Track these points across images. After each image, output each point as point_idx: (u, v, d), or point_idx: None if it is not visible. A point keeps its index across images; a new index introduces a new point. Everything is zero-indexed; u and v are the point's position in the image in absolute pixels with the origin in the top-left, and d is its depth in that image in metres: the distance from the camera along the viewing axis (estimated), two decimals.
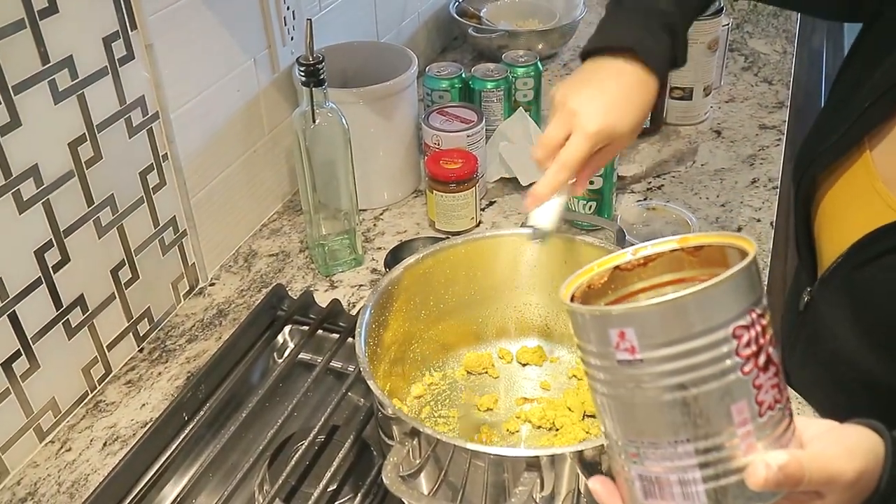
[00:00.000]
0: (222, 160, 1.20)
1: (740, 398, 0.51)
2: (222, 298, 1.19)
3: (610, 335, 0.51)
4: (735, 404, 0.51)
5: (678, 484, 0.53)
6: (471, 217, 1.28)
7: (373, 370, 0.82)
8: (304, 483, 0.91)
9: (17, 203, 0.88)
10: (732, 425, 0.51)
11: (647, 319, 0.50)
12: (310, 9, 1.34)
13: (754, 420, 0.52)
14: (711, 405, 0.51)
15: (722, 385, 0.51)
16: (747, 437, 0.52)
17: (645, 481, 0.55)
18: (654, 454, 0.53)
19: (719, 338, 0.50)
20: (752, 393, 0.51)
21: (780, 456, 0.52)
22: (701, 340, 0.50)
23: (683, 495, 0.53)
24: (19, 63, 0.85)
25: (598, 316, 0.52)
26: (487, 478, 0.74)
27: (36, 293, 0.93)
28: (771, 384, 0.52)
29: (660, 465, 0.53)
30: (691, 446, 0.52)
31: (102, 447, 0.98)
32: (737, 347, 0.50)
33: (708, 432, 0.52)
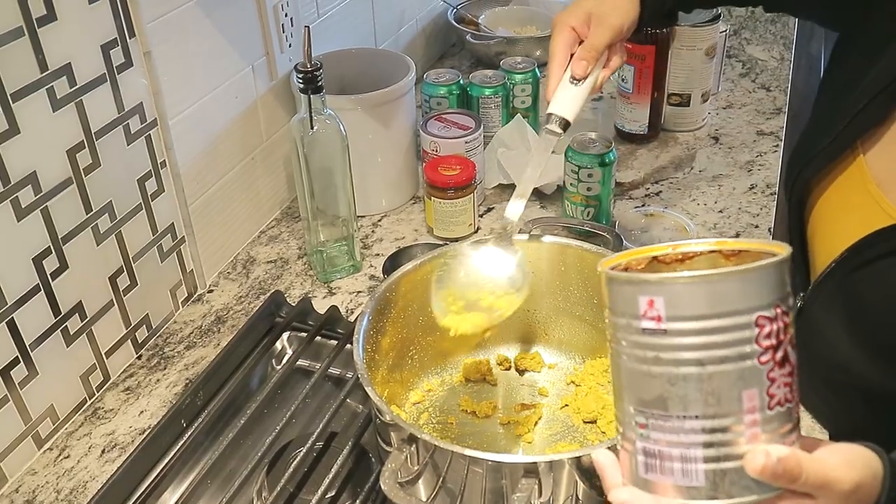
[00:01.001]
0: (220, 167, 1.20)
1: (752, 386, 0.53)
2: (221, 305, 1.19)
3: (640, 302, 0.53)
4: (747, 390, 0.53)
5: (680, 460, 0.55)
6: (469, 223, 1.28)
7: (371, 377, 0.82)
8: (303, 490, 0.91)
9: (16, 210, 0.88)
10: (741, 411, 0.53)
11: (678, 291, 0.53)
12: (308, 16, 1.34)
13: (762, 411, 0.53)
14: (724, 386, 0.53)
15: (737, 369, 0.53)
16: (753, 426, 0.53)
17: (648, 455, 0.56)
18: (662, 426, 0.55)
19: (742, 322, 0.52)
20: (764, 384, 0.53)
21: (782, 449, 0.54)
22: (725, 321, 0.52)
23: (683, 473, 0.55)
24: (18, 71, 0.86)
25: (632, 281, 0.54)
26: (486, 484, 0.74)
27: (34, 300, 0.93)
28: (784, 382, 0.54)
29: (665, 438, 0.55)
30: (699, 423, 0.54)
31: (101, 454, 0.98)
32: (757, 336, 0.52)
33: (717, 412, 0.53)
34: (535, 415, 0.94)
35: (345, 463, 0.91)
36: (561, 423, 0.93)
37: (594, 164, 1.22)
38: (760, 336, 0.52)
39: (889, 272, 0.81)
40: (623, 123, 1.53)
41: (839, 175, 0.90)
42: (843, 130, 0.88)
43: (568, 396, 0.96)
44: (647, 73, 1.45)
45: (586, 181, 1.23)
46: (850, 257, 0.85)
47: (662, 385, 0.54)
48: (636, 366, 0.55)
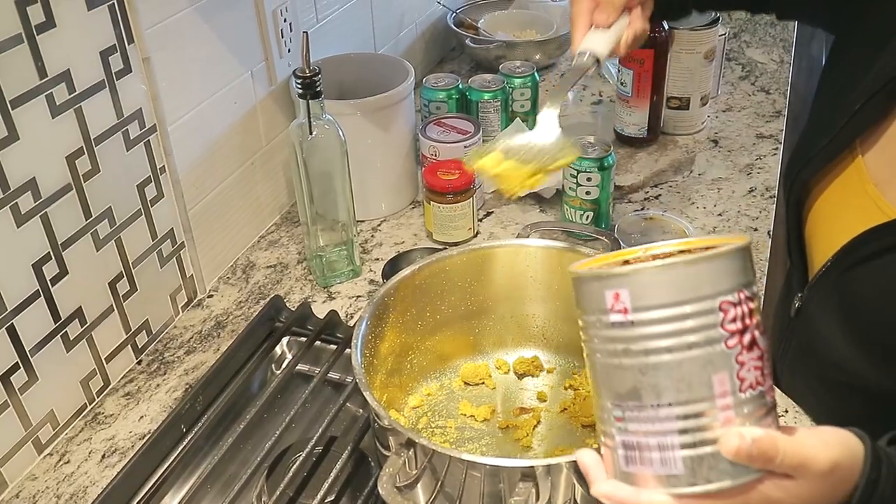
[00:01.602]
0: (220, 172, 1.21)
1: (722, 370, 0.54)
2: (220, 310, 1.19)
3: (606, 297, 0.55)
4: (717, 374, 0.54)
5: (657, 449, 0.56)
6: (468, 228, 1.28)
7: (369, 381, 0.82)
8: (302, 494, 0.91)
9: (15, 216, 0.89)
10: (713, 395, 0.54)
11: (641, 281, 0.54)
12: (307, 21, 1.35)
13: (734, 394, 0.55)
14: (694, 372, 0.54)
15: (705, 354, 0.54)
16: (726, 410, 0.54)
17: (627, 448, 0.57)
18: (638, 417, 0.56)
19: (706, 308, 0.54)
20: (734, 367, 0.54)
21: (756, 431, 0.55)
22: (688, 308, 0.54)
23: (661, 461, 0.56)
24: (17, 77, 0.86)
25: (597, 276, 0.56)
26: (484, 488, 0.74)
27: (34, 306, 0.93)
28: (754, 366, 0.55)
29: (642, 428, 0.56)
30: (673, 411, 0.55)
31: (101, 459, 0.98)
32: (722, 321, 0.54)
33: (689, 398, 0.54)
34: (533, 419, 0.94)
35: (344, 467, 0.91)
36: (559, 427, 0.93)
37: (593, 168, 1.22)
38: (725, 321, 0.54)
39: (883, 269, 0.81)
40: (622, 127, 1.53)
41: (838, 175, 0.90)
42: (840, 130, 0.88)
43: (566, 400, 0.96)
44: (646, 76, 1.45)
45: (585, 185, 1.24)
46: (845, 255, 0.85)
47: (634, 376, 0.55)
48: (608, 360, 0.57)
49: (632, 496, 0.58)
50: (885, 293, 0.82)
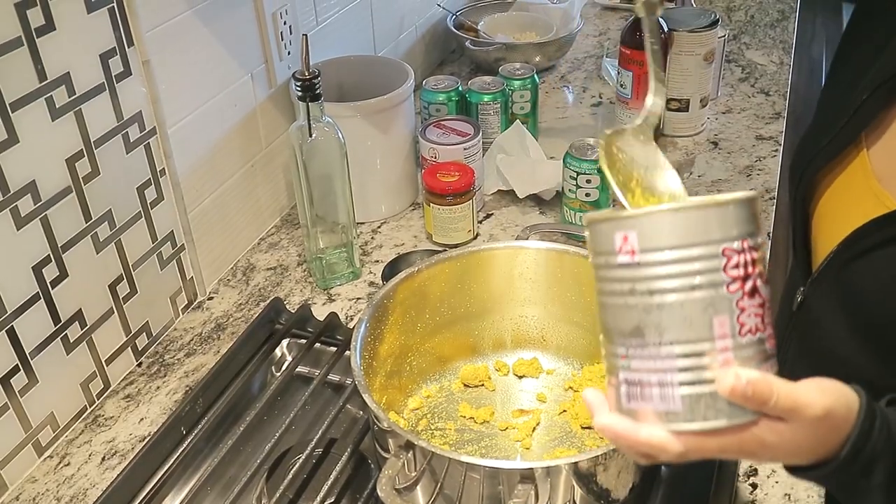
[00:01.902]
0: (220, 175, 1.21)
1: (722, 312, 0.56)
2: (220, 312, 1.19)
3: (615, 239, 0.57)
4: (717, 317, 0.56)
5: (658, 386, 0.58)
6: (468, 230, 1.28)
7: (369, 383, 0.82)
8: (302, 496, 0.91)
9: (15, 219, 0.89)
10: (713, 337, 0.56)
11: (648, 224, 0.56)
12: (306, 23, 1.35)
13: (734, 337, 0.56)
14: (696, 313, 0.56)
15: (707, 296, 0.56)
16: (725, 352, 0.56)
17: (629, 385, 0.59)
18: (641, 354, 0.58)
19: (709, 252, 0.55)
20: (734, 312, 0.56)
21: (752, 372, 0.56)
22: (693, 251, 0.56)
23: (661, 398, 0.58)
24: (17, 80, 0.86)
25: (609, 219, 0.58)
26: (483, 490, 0.74)
27: (34, 308, 0.93)
28: (755, 312, 0.57)
29: (644, 366, 0.58)
30: (674, 349, 0.57)
31: (101, 462, 0.98)
32: (725, 265, 0.56)
33: (690, 338, 0.56)
34: (533, 420, 0.94)
35: (344, 469, 0.91)
36: (559, 428, 0.94)
37: (593, 169, 1.22)
38: (728, 266, 0.56)
39: (884, 261, 0.80)
40: None
41: (842, 171, 0.89)
42: (846, 124, 0.88)
43: (566, 402, 0.96)
44: (645, 78, 1.45)
45: (585, 187, 1.24)
46: (847, 248, 0.84)
47: (639, 315, 0.57)
48: (615, 300, 0.59)
49: (631, 429, 0.59)
50: (885, 286, 0.81)
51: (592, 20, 2.09)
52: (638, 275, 0.57)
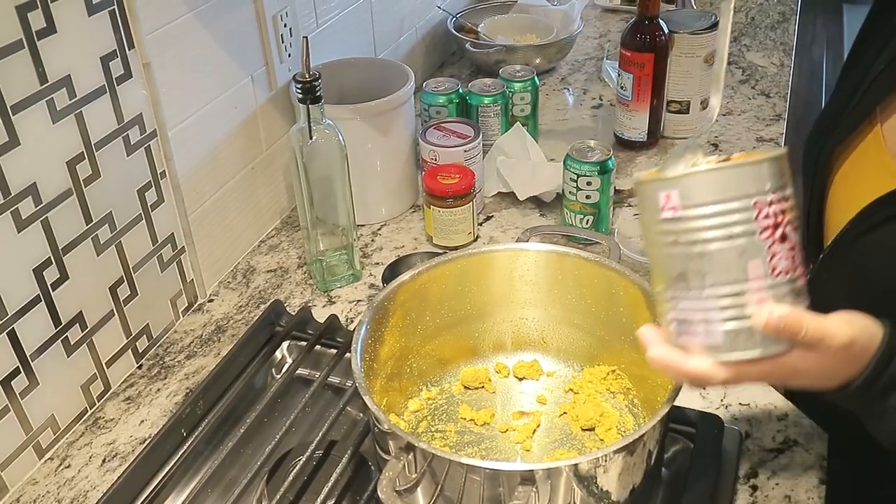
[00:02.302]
0: (220, 177, 1.21)
1: (756, 257, 0.64)
2: (221, 314, 1.19)
3: (660, 197, 0.65)
4: (752, 261, 0.64)
5: (702, 323, 0.67)
6: (468, 232, 1.28)
7: (369, 385, 0.83)
8: (302, 498, 0.91)
9: (16, 221, 0.89)
10: (748, 279, 0.65)
11: (688, 184, 0.64)
12: (307, 25, 1.35)
13: (767, 278, 0.65)
14: (732, 259, 0.64)
15: (742, 244, 0.64)
16: (759, 291, 0.65)
17: (679, 323, 0.68)
18: (686, 297, 0.67)
19: (742, 206, 0.63)
20: (766, 256, 0.64)
21: (784, 308, 0.65)
22: (727, 206, 0.63)
23: (705, 333, 0.67)
24: (18, 83, 0.86)
25: (654, 181, 0.66)
26: (483, 492, 0.74)
27: (35, 311, 0.93)
28: (786, 255, 0.65)
29: (689, 306, 0.67)
30: (714, 291, 0.65)
31: (101, 464, 0.98)
32: (757, 216, 0.63)
33: (728, 280, 0.65)
34: (533, 422, 0.94)
35: (344, 471, 0.91)
36: (559, 430, 0.94)
37: (593, 172, 1.23)
38: (760, 217, 0.63)
39: (894, 235, 0.82)
40: (622, 131, 1.53)
41: (857, 148, 0.91)
42: (861, 99, 0.90)
43: (566, 404, 0.96)
44: (646, 80, 1.46)
45: (585, 189, 1.24)
46: (859, 222, 0.86)
47: (683, 263, 0.66)
48: (662, 251, 0.67)
49: (680, 360, 0.68)
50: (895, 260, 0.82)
51: (593, 22, 2.09)
52: (680, 228, 0.65)
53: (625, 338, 0.94)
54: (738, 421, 0.99)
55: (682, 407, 0.97)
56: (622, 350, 0.95)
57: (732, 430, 0.96)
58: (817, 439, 0.97)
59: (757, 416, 1.00)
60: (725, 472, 0.91)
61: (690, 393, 1.02)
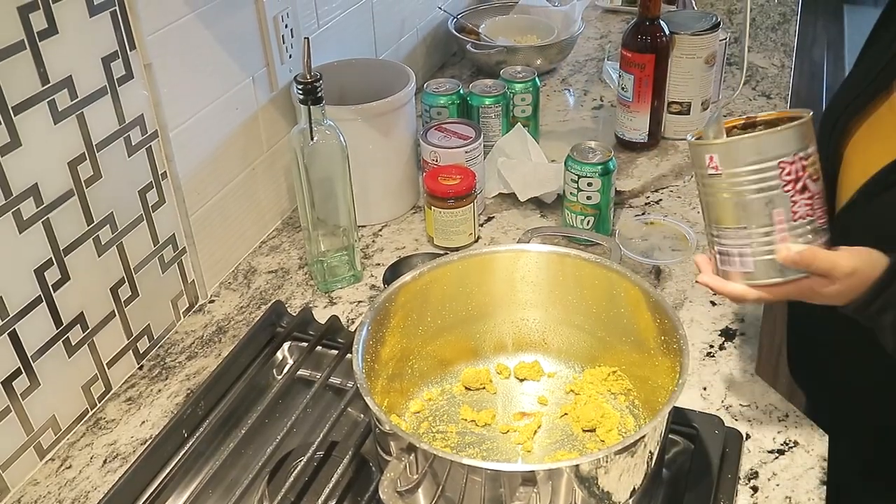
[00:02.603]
0: (221, 178, 1.21)
1: (780, 206, 0.80)
2: (222, 315, 1.19)
3: (705, 158, 0.81)
4: (776, 209, 0.81)
5: (738, 256, 0.84)
6: (469, 233, 1.29)
7: (370, 386, 0.83)
8: (303, 499, 0.91)
9: (18, 222, 0.89)
10: (773, 223, 0.81)
11: (726, 149, 0.80)
12: (308, 26, 1.35)
13: (788, 222, 0.81)
14: (761, 207, 0.81)
15: (769, 195, 0.80)
16: (782, 232, 0.81)
17: (721, 255, 0.86)
18: (726, 235, 0.84)
19: (770, 166, 0.79)
20: (788, 205, 0.80)
21: (799, 246, 0.81)
22: (758, 166, 0.79)
23: (741, 263, 0.84)
24: (19, 84, 0.86)
25: (700, 145, 0.82)
26: (484, 493, 0.74)
27: (36, 311, 0.93)
28: (805, 203, 0.81)
29: (729, 242, 0.84)
30: (747, 231, 0.82)
31: (102, 464, 0.98)
32: (780, 174, 0.79)
33: (758, 223, 0.82)
34: (534, 423, 0.94)
35: (345, 472, 0.91)
36: (560, 431, 0.94)
37: (594, 173, 1.23)
38: (783, 174, 0.79)
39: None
40: (623, 132, 1.53)
41: (872, 115, 0.98)
42: (880, 73, 0.96)
43: (567, 405, 0.96)
44: (647, 81, 1.46)
45: (586, 190, 1.24)
46: (873, 184, 0.94)
47: (724, 208, 0.83)
48: (708, 199, 0.84)
49: (721, 284, 0.86)
50: None
51: (594, 23, 2.09)
52: (721, 183, 0.81)
53: (626, 339, 0.94)
54: (739, 422, 0.99)
55: (683, 408, 0.97)
56: (623, 351, 0.95)
57: (733, 431, 0.96)
58: (818, 440, 0.97)
59: (757, 417, 1.00)
60: (726, 472, 0.91)
61: (692, 394, 1.03)
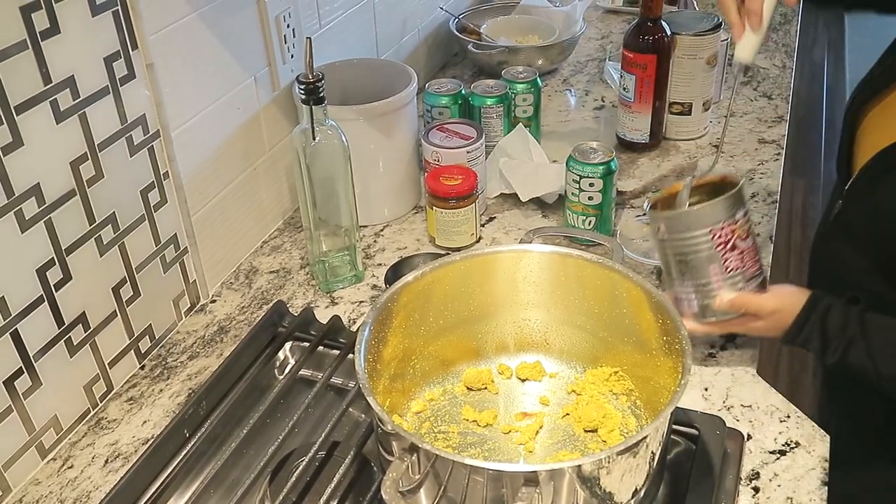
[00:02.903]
0: (223, 178, 1.21)
1: (715, 262, 0.96)
2: (223, 315, 1.20)
3: (656, 226, 0.98)
4: (712, 265, 0.96)
5: (686, 300, 1.00)
6: (471, 233, 1.29)
7: (372, 386, 0.83)
8: (305, 499, 0.91)
9: (20, 222, 0.89)
10: (710, 275, 0.97)
11: (669, 220, 0.96)
12: (310, 26, 1.35)
13: (723, 275, 0.96)
14: (700, 264, 0.96)
15: (705, 255, 0.95)
16: (718, 283, 0.97)
17: (675, 298, 1.00)
18: (679, 284, 0.99)
19: (703, 233, 0.94)
20: (721, 261, 0.96)
21: (731, 294, 0.97)
22: (695, 233, 0.95)
23: (689, 306, 1.00)
24: (21, 83, 0.86)
25: (652, 214, 0.98)
26: (486, 493, 0.75)
27: (38, 311, 0.93)
28: (736, 258, 0.96)
29: (679, 289, 1.00)
30: (692, 282, 0.98)
31: (104, 464, 0.98)
32: (712, 238, 0.94)
33: (699, 276, 0.97)
34: (536, 423, 0.94)
35: (347, 472, 0.91)
36: (562, 431, 0.94)
37: (595, 173, 1.23)
38: (714, 238, 0.94)
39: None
40: (624, 132, 1.53)
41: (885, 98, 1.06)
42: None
43: (569, 405, 0.96)
44: (648, 81, 1.46)
45: (587, 190, 1.24)
46: (878, 162, 1.01)
47: (672, 265, 0.99)
48: (661, 256, 1.00)
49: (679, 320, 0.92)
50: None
51: (595, 23, 2.10)
52: (668, 246, 0.98)
53: (627, 339, 0.94)
54: (740, 422, 0.99)
55: (685, 408, 0.97)
56: (625, 351, 0.95)
57: (734, 432, 0.96)
58: (819, 441, 0.97)
59: (759, 417, 1.00)
60: (727, 473, 0.92)
61: (693, 395, 1.03)
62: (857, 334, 0.94)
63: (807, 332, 0.96)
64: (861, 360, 0.94)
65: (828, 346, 0.96)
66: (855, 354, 0.95)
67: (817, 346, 0.97)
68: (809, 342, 0.97)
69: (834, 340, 0.95)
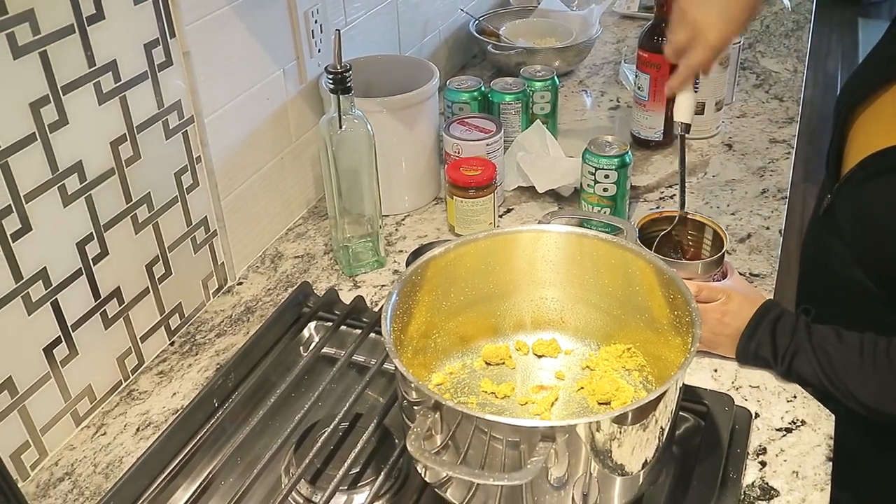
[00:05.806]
0: (252, 165, 1.26)
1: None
2: (250, 297, 1.24)
3: None
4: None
5: None
6: (489, 222, 1.32)
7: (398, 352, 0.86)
8: (329, 465, 0.94)
9: (63, 196, 0.94)
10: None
11: None
12: (336, 23, 1.40)
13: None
14: None
15: None
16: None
17: None
18: None
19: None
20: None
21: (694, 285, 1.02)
22: None
23: None
24: (68, 65, 0.91)
25: None
26: (505, 449, 0.77)
27: (77, 283, 0.98)
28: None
29: None
30: None
31: (136, 432, 1.02)
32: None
33: None
34: (551, 396, 0.97)
35: (369, 441, 0.94)
36: (577, 403, 0.97)
37: (611, 165, 1.26)
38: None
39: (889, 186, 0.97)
40: (639, 130, 1.57)
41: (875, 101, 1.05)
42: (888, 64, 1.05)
43: (583, 380, 0.99)
44: (662, 81, 1.49)
45: (603, 182, 1.28)
46: (863, 168, 1.02)
47: None
48: None
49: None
50: (890, 206, 0.97)
51: (611, 28, 2.14)
52: None
53: (640, 317, 0.97)
54: (749, 401, 1.02)
55: (695, 386, 1.01)
56: (637, 329, 0.98)
57: (742, 410, 1.00)
58: (825, 420, 1.00)
59: (766, 397, 1.03)
60: (735, 448, 0.95)
61: (703, 375, 1.06)
62: (805, 342, 1.00)
63: (759, 336, 1.02)
64: (808, 367, 0.99)
65: (776, 353, 1.02)
66: (802, 362, 1.00)
67: (769, 353, 1.02)
68: (761, 347, 1.03)
69: (782, 347, 1.01)
